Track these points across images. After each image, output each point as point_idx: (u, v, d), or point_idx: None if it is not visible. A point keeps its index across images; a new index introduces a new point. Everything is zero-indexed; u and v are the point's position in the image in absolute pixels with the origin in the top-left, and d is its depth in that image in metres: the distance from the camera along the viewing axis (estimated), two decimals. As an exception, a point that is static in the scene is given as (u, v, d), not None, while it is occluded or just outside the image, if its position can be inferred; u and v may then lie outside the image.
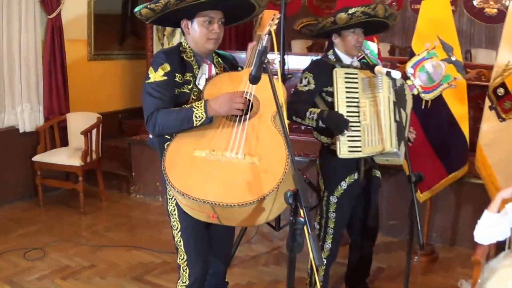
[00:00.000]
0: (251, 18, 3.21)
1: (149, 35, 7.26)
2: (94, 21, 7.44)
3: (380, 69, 3.39)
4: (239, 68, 3.19)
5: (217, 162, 2.66)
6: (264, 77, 2.52)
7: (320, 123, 3.51)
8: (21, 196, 6.51)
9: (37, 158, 6.27)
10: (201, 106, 2.74)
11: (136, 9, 2.84)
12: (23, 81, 6.42)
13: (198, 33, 2.94)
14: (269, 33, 2.83)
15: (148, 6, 2.81)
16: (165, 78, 2.86)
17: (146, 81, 2.89)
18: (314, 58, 5.55)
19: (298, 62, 5.75)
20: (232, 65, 3.23)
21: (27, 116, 6.48)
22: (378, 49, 5.07)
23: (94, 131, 6.39)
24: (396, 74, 3.21)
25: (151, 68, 2.91)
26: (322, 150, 3.89)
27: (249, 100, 2.85)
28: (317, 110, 3.53)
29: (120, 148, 7.37)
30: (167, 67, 2.87)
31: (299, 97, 3.65)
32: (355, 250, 4.16)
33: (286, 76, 4.96)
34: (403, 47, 9.07)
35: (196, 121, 2.73)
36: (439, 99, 4.65)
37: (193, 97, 2.95)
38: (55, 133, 6.66)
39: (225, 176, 2.62)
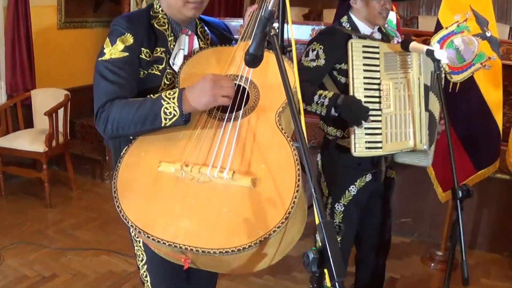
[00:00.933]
0: None
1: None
2: (64, -16, 6.53)
3: (417, 45, 2.66)
4: (233, 43, 2.38)
5: (192, 184, 1.84)
6: (267, 56, 1.78)
7: (333, 110, 2.76)
8: (-19, 184, 5.70)
9: (-3, 142, 5.45)
10: (173, 98, 1.93)
11: None
12: (-19, 53, 5.56)
13: None
14: None
15: None
16: (126, 54, 2.07)
17: (99, 58, 2.10)
18: (316, 27, 4.81)
19: (296, 32, 5.07)
20: (223, 37, 2.43)
21: (-15, 93, 5.64)
22: (397, 19, 4.25)
23: (61, 111, 5.57)
24: (441, 54, 2.49)
25: (107, 39, 2.12)
26: (326, 144, 3.13)
27: (243, 87, 2.06)
28: (329, 94, 2.79)
29: (93, 127, 6.48)
30: (129, 39, 2.09)
31: (304, 74, 2.84)
32: (365, 267, 3.40)
33: (285, 49, 4.17)
34: (409, 18, 8.28)
35: (165, 119, 1.93)
36: (470, 82, 3.90)
37: (166, 81, 2.17)
38: (18, 113, 5.82)
39: (203, 205, 1.79)
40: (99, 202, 5.61)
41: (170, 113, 1.91)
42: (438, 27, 3.89)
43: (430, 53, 2.55)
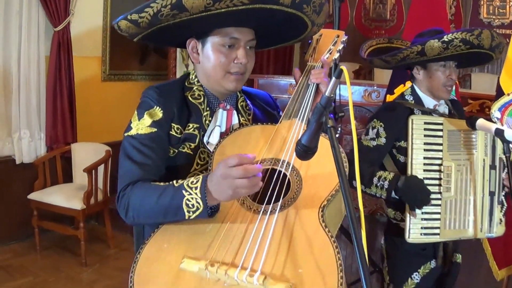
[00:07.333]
0: (299, 40, 2.18)
1: (172, 54, 6.26)
2: (110, 35, 6.39)
3: (485, 124, 2.40)
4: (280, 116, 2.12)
5: (217, 287, 1.56)
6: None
7: (393, 193, 2.54)
8: (17, 237, 5.54)
9: (33, 196, 5.28)
10: (195, 188, 1.66)
11: (115, 21, 1.84)
12: (22, 103, 5.46)
13: (213, 62, 1.93)
14: (339, 72, 1.45)
15: (129, 17, 1.80)
16: (153, 130, 1.89)
17: (125, 133, 1.92)
18: (369, 88, 4.56)
19: (346, 92, 4.73)
20: (266, 113, 2.19)
21: (25, 144, 5.52)
22: (456, 84, 3.98)
23: (102, 166, 5.40)
24: (512, 134, 2.23)
25: (135, 112, 1.95)
26: (389, 227, 2.88)
27: (284, 173, 1.78)
28: (389, 176, 2.57)
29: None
30: (158, 113, 1.92)
31: (364, 155, 2.65)
32: None
33: (337, 114, 3.86)
34: (461, 75, 7.90)
35: (188, 212, 1.67)
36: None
37: (200, 161, 1.95)
38: (57, 166, 5.68)
39: None
40: (136, 263, 5.33)
41: (193, 205, 1.66)
42: (500, 93, 3.60)
43: (499, 134, 2.29)
